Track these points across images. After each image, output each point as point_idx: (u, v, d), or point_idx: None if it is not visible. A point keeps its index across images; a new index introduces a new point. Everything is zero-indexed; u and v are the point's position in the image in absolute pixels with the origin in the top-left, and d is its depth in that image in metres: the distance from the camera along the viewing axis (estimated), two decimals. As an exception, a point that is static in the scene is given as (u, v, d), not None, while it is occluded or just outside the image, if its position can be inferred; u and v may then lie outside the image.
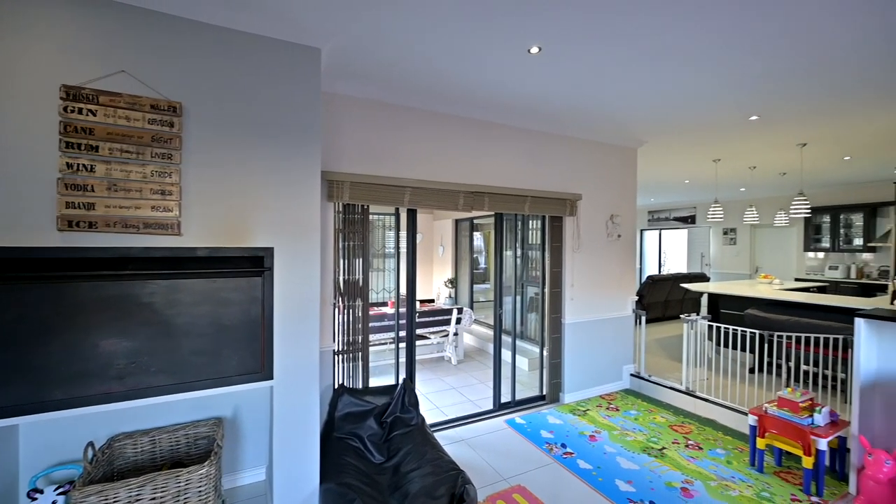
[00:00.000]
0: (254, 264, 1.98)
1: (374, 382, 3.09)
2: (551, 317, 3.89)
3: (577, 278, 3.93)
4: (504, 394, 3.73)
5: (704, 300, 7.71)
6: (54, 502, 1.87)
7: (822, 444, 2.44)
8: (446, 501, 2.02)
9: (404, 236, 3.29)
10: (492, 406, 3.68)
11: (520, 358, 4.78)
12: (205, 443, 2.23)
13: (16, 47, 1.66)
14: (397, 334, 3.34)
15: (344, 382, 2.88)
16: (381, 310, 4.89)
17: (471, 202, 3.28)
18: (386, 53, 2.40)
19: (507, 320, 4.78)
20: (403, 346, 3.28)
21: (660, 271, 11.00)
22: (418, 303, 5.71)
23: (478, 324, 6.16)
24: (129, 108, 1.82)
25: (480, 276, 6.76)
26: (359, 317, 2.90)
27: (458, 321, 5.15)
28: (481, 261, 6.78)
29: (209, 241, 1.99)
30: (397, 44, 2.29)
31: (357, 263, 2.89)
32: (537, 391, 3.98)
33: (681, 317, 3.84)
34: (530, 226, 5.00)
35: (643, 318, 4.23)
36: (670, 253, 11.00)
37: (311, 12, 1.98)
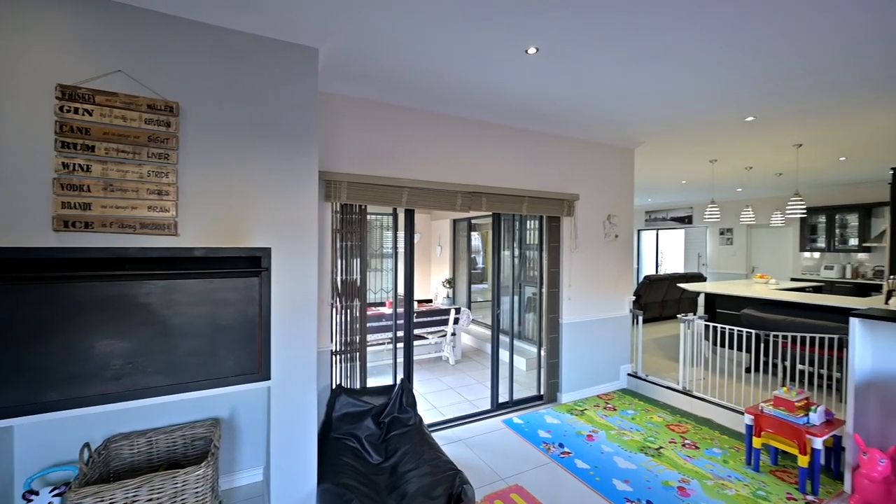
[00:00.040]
0: (251, 264, 1.97)
1: (371, 383, 3.09)
2: (549, 317, 3.90)
3: (575, 278, 3.95)
4: (502, 394, 3.73)
5: (701, 300, 7.76)
6: None
7: (818, 443, 2.46)
8: (444, 501, 2.03)
9: (402, 236, 3.29)
10: (489, 406, 3.68)
11: (517, 358, 4.78)
12: (202, 444, 2.23)
13: (11, 46, 1.66)
14: (395, 334, 3.34)
15: (342, 383, 2.88)
16: (379, 310, 4.88)
17: (468, 202, 3.28)
18: (383, 54, 2.40)
19: (505, 320, 4.78)
20: (401, 346, 3.28)
21: (657, 271, 11.03)
22: (416, 303, 5.71)
23: (475, 324, 6.17)
24: (125, 108, 1.81)
25: (478, 276, 6.76)
26: (356, 317, 2.90)
27: (456, 321, 5.15)
28: (479, 261, 6.79)
29: (206, 242, 1.98)
30: (395, 44, 2.29)
31: (355, 263, 2.89)
32: (535, 391, 3.99)
33: (678, 317, 3.86)
34: (528, 226, 5.01)
35: (640, 318, 4.24)
36: (667, 253, 11.04)
37: (309, 12, 1.97)
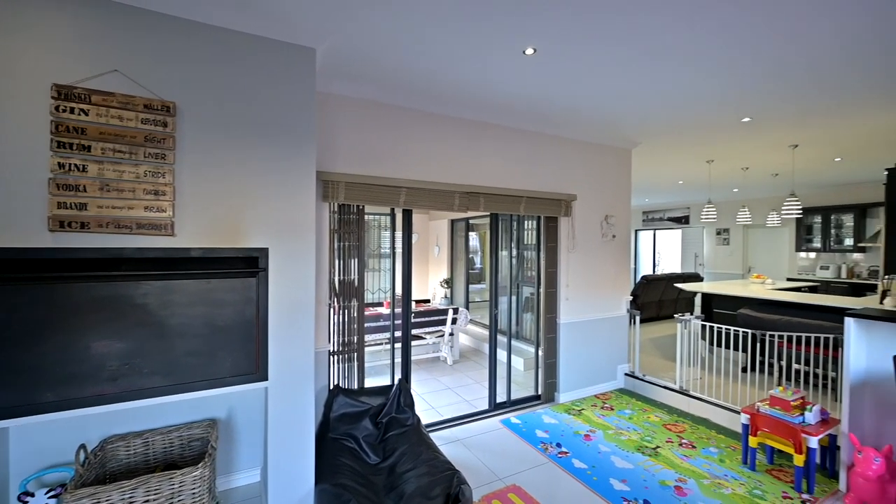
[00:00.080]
0: (248, 265, 1.97)
1: (369, 383, 3.09)
2: (546, 317, 3.90)
3: (572, 278, 3.95)
4: (499, 394, 3.74)
5: (698, 300, 7.77)
6: (45, 505, 1.85)
7: (813, 442, 2.48)
8: (442, 502, 2.03)
9: (400, 236, 3.29)
10: (487, 406, 3.69)
11: (515, 358, 4.79)
12: (199, 444, 2.22)
13: (6, 46, 1.65)
14: (393, 334, 3.34)
15: (339, 383, 2.88)
16: (377, 310, 4.88)
17: (466, 202, 3.28)
18: (381, 54, 2.40)
19: (503, 320, 4.78)
20: (399, 346, 3.28)
21: (654, 271, 11.07)
22: (414, 303, 5.70)
23: (473, 324, 6.17)
24: (121, 108, 1.80)
25: (476, 277, 6.77)
26: (354, 317, 2.90)
27: (454, 321, 5.15)
28: (477, 261, 6.79)
29: (203, 242, 1.98)
30: (392, 44, 2.29)
31: (352, 264, 2.89)
32: (532, 391, 3.99)
33: (675, 316, 3.87)
34: (526, 226, 5.01)
35: (637, 318, 4.25)
36: (664, 253, 11.08)
37: (306, 12, 1.97)
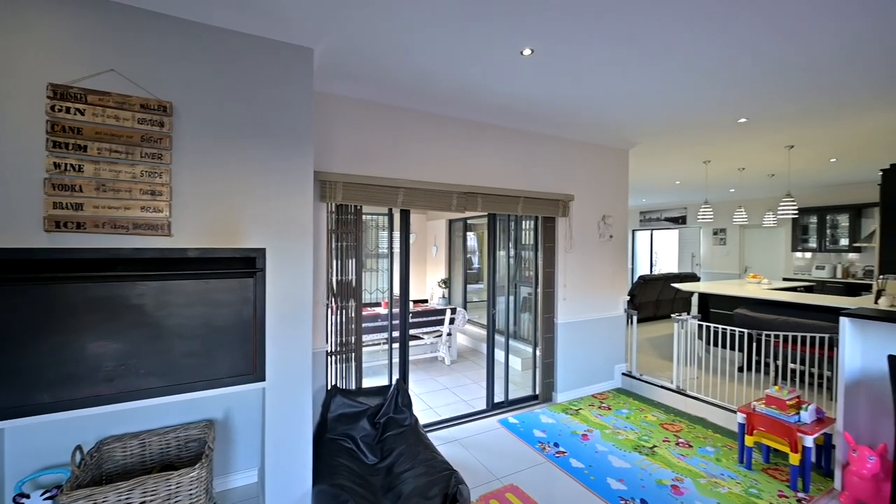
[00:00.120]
0: (246, 265, 1.96)
1: (367, 383, 3.09)
2: (544, 317, 3.91)
3: (570, 278, 3.96)
4: (497, 393, 3.74)
5: (695, 300, 7.81)
6: (41, 507, 1.84)
7: (809, 441, 2.49)
8: (439, 501, 2.03)
9: (398, 237, 3.29)
10: (485, 406, 3.69)
11: (513, 358, 4.80)
12: (196, 445, 2.21)
13: (1, 45, 1.63)
14: (390, 335, 3.34)
15: (337, 383, 2.88)
16: (375, 310, 4.88)
17: (464, 203, 3.29)
18: (379, 54, 2.40)
19: (501, 320, 4.78)
20: (397, 346, 3.28)
21: (651, 271, 11.11)
22: (412, 303, 5.70)
23: (471, 324, 6.17)
24: (118, 108, 1.80)
25: (474, 277, 6.77)
26: (352, 317, 2.89)
27: (452, 321, 5.15)
28: (475, 261, 6.80)
29: (200, 242, 1.97)
30: (390, 44, 2.28)
31: (350, 264, 2.88)
32: (530, 391, 4.00)
33: (672, 316, 3.89)
34: (523, 226, 5.02)
35: (635, 318, 4.27)
36: (661, 253, 11.12)
37: (303, 13, 1.97)
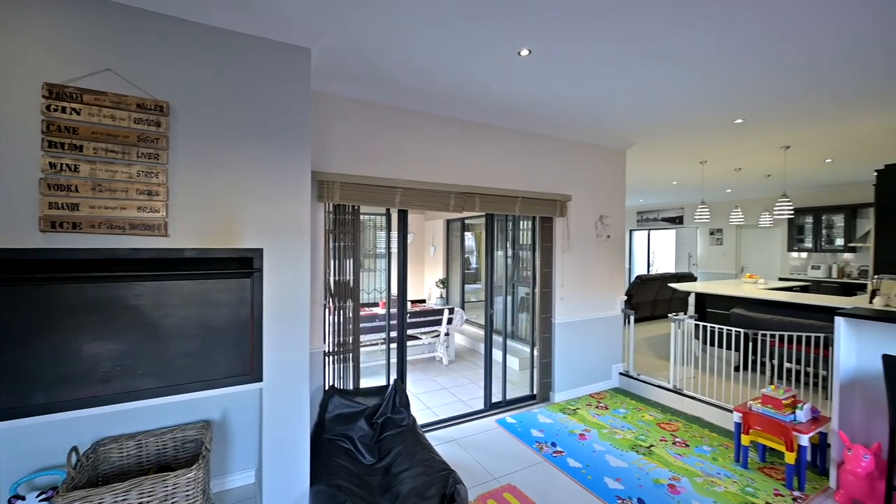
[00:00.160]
0: (243, 265, 1.96)
1: (364, 383, 3.09)
2: (542, 317, 3.92)
3: (567, 278, 3.97)
4: (495, 393, 3.75)
5: (692, 299, 7.84)
6: (37, 509, 1.83)
7: (804, 440, 2.51)
8: (437, 502, 2.03)
9: (395, 237, 3.29)
10: (483, 406, 3.69)
11: (510, 358, 4.80)
12: (193, 446, 2.20)
13: (-4, 44, 1.63)
14: (388, 335, 3.34)
15: (334, 383, 2.87)
16: (373, 310, 4.88)
17: (462, 203, 3.29)
18: (376, 54, 2.39)
19: (498, 320, 4.80)
20: (394, 346, 3.28)
21: (648, 271, 11.14)
22: (409, 303, 5.70)
23: (469, 324, 6.18)
24: (114, 108, 1.79)
25: (471, 277, 6.77)
26: (349, 317, 2.89)
27: (450, 321, 5.15)
28: (472, 261, 6.80)
29: (197, 243, 1.97)
30: (388, 44, 2.28)
31: (348, 264, 2.88)
32: (528, 391, 4.00)
33: (668, 316, 3.90)
34: (521, 226, 5.02)
35: (632, 318, 4.28)
36: (659, 253, 11.15)
37: (301, 13, 1.97)
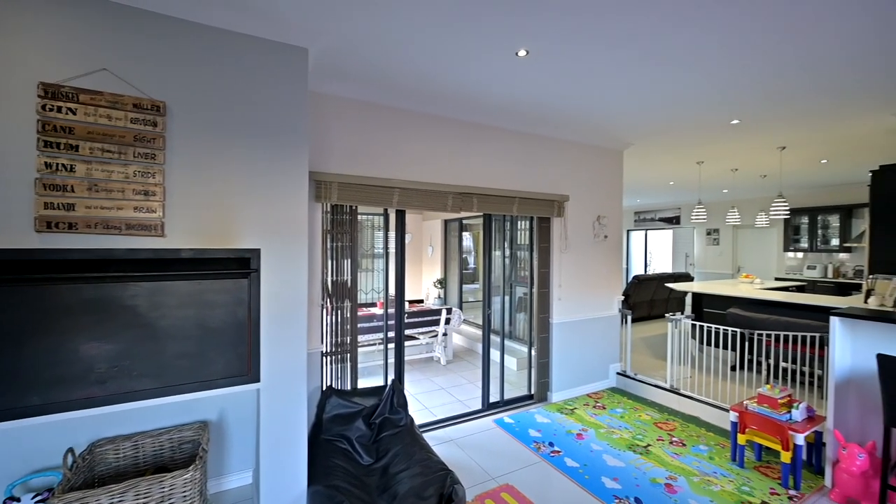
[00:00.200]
0: (240, 266, 1.95)
1: (362, 383, 3.08)
2: (539, 317, 3.92)
3: (565, 278, 3.98)
4: (493, 393, 3.75)
5: (688, 299, 7.87)
6: (32, 510, 1.82)
7: (800, 439, 2.52)
8: (435, 502, 2.03)
9: (393, 237, 3.29)
10: (480, 406, 3.70)
11: (508, 358, 4.81)
12: (189, 447, 2.20)
13: (-9, 43, 1.62)
14: (386, 335, 3.33)
15: (332, 384, 2.87)
16: (370, 310, 4.87)
17: (459, 203, 3.29)
18: (374, 55, 2.39)
19: (496, 320, 4.80)
20: (392, 346, 3.28)
21: (645, 271, 11.18)
22: (407, 303, 5.70)
23: (467, 324, 6.18)
24: (110, 107, 1.78)
25: (469, 277, 6.78)
26: (347, 318, 2.89)
27: (447, 321, 5.15)
28: (470, 261, 6.81)
29: (194, 243, 1.96)
30: (385, 45, 2.28)
31: (345, 264, 2.88)
32: (525, 390, 4.01)
33: (665, 316, 3.92)
34: (519, 226, 5.04)
35: (629, 318, 4.29)
36: (656, 253, 11.19)
37: (299, 13, 1.96)
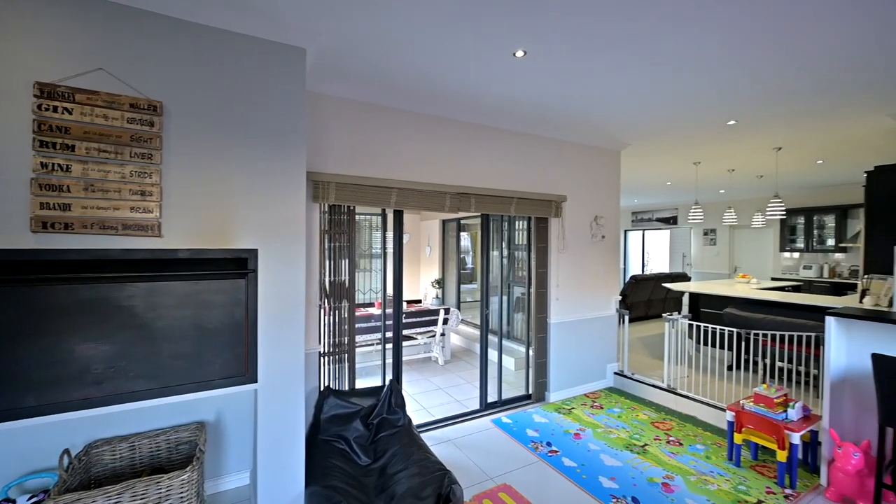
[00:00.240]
0: (237, 266, 1.95)
1: (360, 384, 3.08)
2: (537, 317, 3.93)
3: (563, 279, 3.99)
4: (490, 393, 3.75)
5: (685, 299, 7.90)
6: (28, 512, 1.81)
7: (796, 439, 2.53)
8: (433, 502, 2.03)
9: (391, 237, 3.28)
10: (478, 406, 3.70)
11: (506, 358, 4.81)
12: (186, 448, 2.19)
13: (-14, 42, 1.61)
14: (384, 335, 3.33)
15: (330, 384, 2.87)
16: (368, 311, 4.86)
17: (457, 203, 3.29)
18: (372, 55, 2.39)
19: (494, 320, 4.81)
20: (390, 346, 3.27)
21: (643, 271, 11.21)
22: (405, 303, 5.70)
23: (465, 324, 6.18)
24: (106, 107, 1.77)
25: (467, 277, 6.78)
26: (345, 318, 2.89)
27: (445, 321, 5.16)
28: (468, 261, 6.81)
29: (191, 243, 1.96)
30: (385, 45, 2.28)
31: (343, 264, 2.87)
32: (523, 390, 4.02)
33: (663, 316, 3.93)
34: (516, 226, 5.04)
35: (626, 318, 4.31)
36: (653, 253, 11.23)
37: (296, 13, 1.96)
